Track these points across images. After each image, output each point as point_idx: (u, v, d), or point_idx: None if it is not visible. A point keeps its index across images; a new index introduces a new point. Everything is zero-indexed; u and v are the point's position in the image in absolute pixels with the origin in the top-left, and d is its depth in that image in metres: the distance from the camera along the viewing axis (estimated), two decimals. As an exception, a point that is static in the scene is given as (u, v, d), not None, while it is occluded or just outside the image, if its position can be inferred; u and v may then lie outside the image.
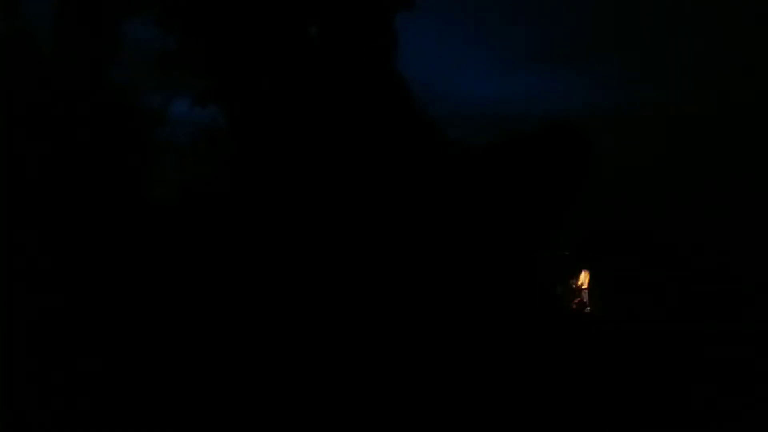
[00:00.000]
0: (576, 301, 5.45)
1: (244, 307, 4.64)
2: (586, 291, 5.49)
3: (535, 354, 4.38)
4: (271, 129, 5.40)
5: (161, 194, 5.61)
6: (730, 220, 6.45)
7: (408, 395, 3.90)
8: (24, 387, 3.80)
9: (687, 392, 4.07)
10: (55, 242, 4.93)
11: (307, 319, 4.50)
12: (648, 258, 5.72)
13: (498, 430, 3.77)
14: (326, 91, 5.37)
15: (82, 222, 5.09)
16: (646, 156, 7.47)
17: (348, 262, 4.89)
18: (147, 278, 4.82)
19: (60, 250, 4.89)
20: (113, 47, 5.58)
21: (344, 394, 3.89)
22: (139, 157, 5.62)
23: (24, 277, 4.53)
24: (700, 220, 6.45)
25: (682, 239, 6.20)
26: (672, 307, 5.11)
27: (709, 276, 5.60)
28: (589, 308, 5.36)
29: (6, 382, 3.79)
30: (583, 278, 5.53)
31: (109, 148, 5.45)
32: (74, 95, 5.41)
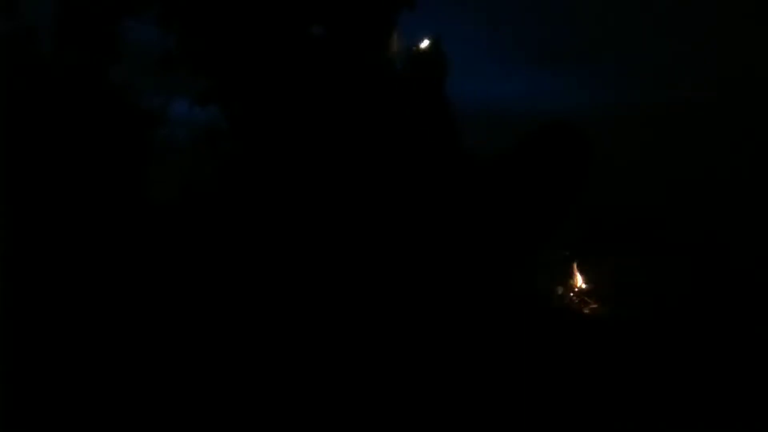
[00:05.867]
0: (576, 301, 5.45)
1: (244, 307, 4.64)
2: (586, 291, 5.49)
3: (534, 354, 4.38)
4: (272, 129, 5.40)
5: (161, 194, 5.61)
6: (730, 219, 6.46)
7: (406, 395, 3.90)
8: (23, 387, 3.80)
9: (688, 392, 4.07)
10: (54, 243, 4.93)
11: (308, 320, 4.51)
12: (648, 257, 5.73)
13: (497, 430, 3.77)
14: (327, 92, 5.38)
15: (81, 222, 5.09)
16: (646, 155, 7.47)
17: (348, 261, 4.89)
18: (147, 278, 4.82)
19: (60, 251, 4.89)
20: (113, 47, 5.58)
21: (343, 394, 3.89)
22: (139, 157, 5.62)
23: (23, 277, 4.53)
24: (700, 219, 6.45)
25: (682, 238, 6.21)
26: (673, 306, 5.12)
27: (710, 274, 5.60)
28: (589, 308, 5.36)
29: (6, 383, 3.79)
30: (583, 278, 5.53)
31: (108, 148, 5.44)
32: (74, 95, 5.41)
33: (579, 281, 5.50)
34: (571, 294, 5.43)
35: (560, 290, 5.42)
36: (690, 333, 4.75)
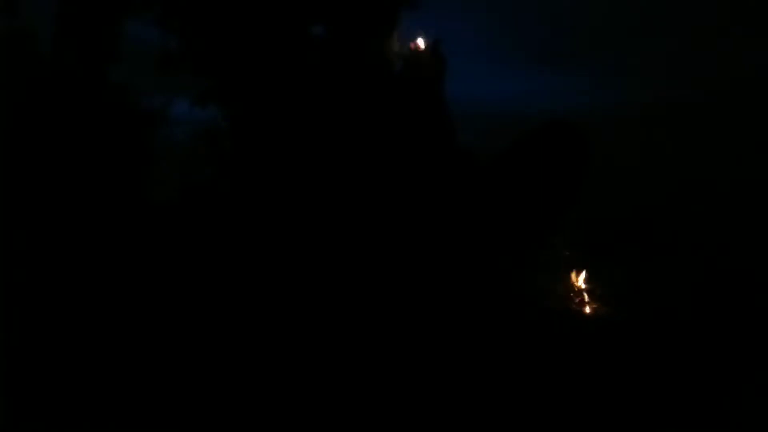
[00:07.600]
0: (576, 301, 5.45)
1: (244, 306, 4.64)
2: (586, 291, 5.48)
3: (534, 353, 4.38)
4: (272, 129, 5.40)
5: (161, 194, 5.61)
6: (730, 219, 6.46)
7: (405, 394, 3.90)
8: (23, 387, 3.80)
9: (687, 392, 4.07)
10: (54, 242, 4.93)
11: (307, 318, 4.50)
12: (647, 256, 5.73)
13: (497, 430, 3.77)
14: (327, 92, 5.38)
15: (81, 222, 5.09)
16: (646, 155, 7.47)
17: (347, 259, 4.89)
18: (147, 278, 4.82)
19: (60, 250, 4.89)
20: (113, 47, 5.58)
21: (342, 394, 3.89)
22: (139, 157, 5.62)
23: (23, 277, 4.53)
24: (700, 218, 6.45)
25: (681, 237, 6.21)
26: (672, 306, 5.12)
27: (709, 273, 5.60)
28: (589, 308, 5.36)
29: (6, 383, 3.79)
30: (582, 278, 5.52)
31: (108, 148, 5.44)
32: (74, 95, 5.41)
33: (579, 281, 5.49)
34: (571, 294, 5.43)
35: (560, 290, 5.41)
36: (689, 333, 4.75)
